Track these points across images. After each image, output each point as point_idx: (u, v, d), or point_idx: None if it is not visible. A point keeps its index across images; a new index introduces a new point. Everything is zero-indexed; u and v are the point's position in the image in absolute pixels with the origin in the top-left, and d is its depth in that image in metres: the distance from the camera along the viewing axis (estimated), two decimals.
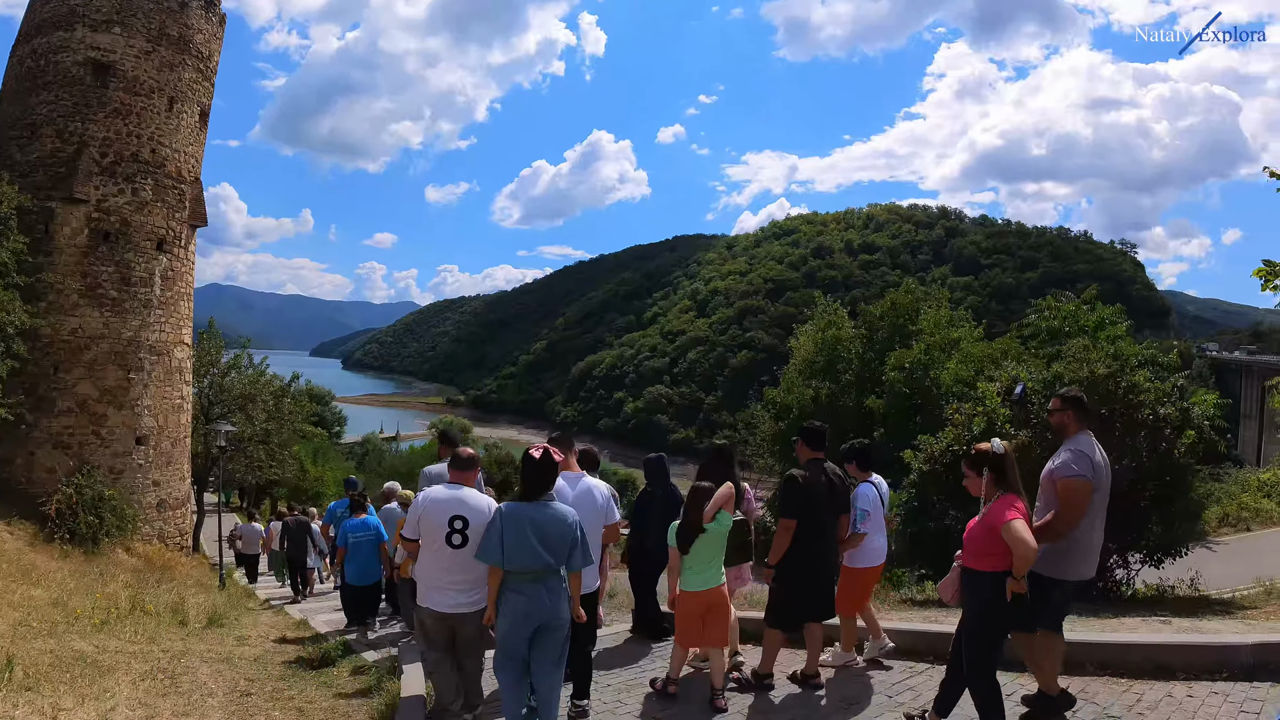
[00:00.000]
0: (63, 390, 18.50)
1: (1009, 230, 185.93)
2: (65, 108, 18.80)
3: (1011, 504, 5.18)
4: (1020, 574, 4.99)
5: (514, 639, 5.38)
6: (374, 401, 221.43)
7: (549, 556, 5.35)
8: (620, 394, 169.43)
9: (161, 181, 19.92)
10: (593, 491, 6.63)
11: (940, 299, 38.41)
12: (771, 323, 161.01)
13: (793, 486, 6.78)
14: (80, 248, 18.68)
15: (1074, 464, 5.59)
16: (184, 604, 12.40)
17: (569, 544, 5.44)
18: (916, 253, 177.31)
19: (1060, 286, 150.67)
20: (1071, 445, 5.75)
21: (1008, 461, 5.35)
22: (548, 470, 5.55)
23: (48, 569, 13.61)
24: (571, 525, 5.47)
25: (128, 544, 18.02)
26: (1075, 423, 5.86)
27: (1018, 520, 5.03)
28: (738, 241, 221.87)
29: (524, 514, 5.40)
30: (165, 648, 8.87)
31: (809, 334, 40.12)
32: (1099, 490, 5.64)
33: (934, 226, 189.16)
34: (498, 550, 5.35)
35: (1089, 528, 5.64)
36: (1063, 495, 5.58)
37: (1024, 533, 4.97)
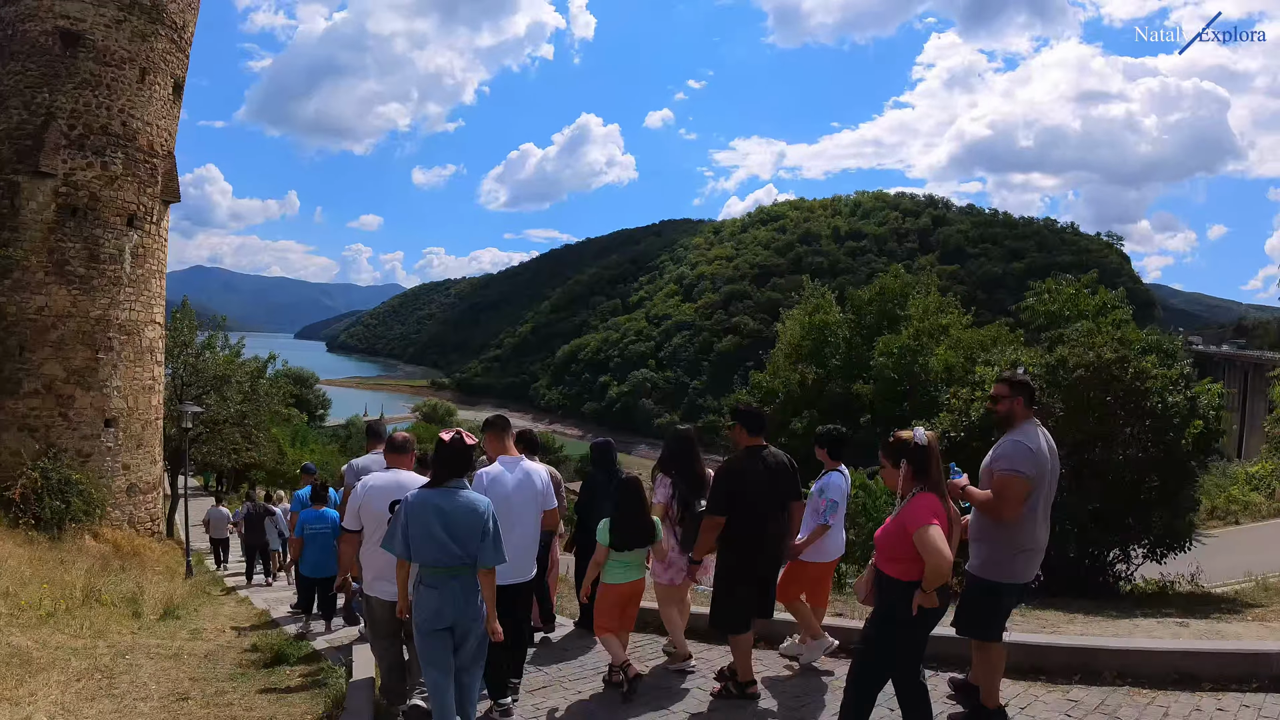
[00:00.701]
0: (29, 371, 17.92)
1: (996, 220, 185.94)
2: (33, 78, 18.10)
3: (929, 505, 4.53)
4: (930, 587, 4.36)
5: (429, 638, 4.98)
6: (359, 384, 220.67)
7: (457, 549, 4.92)
8: (605, 378, 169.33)
9: (132, 155, 19.28)
10: (531, 476, 6.27)
11: (929, 285, 38.05)
12: (757, 308, 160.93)
13: (720, 478, 6.19)
14: (47, 223, 18.05)
15: (1014, 458, 5.10)
16: (142, 594, 11.90)
17: (479, 536, 4.97)
18: (903, 240, 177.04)
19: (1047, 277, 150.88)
20: (1016, 435, 5.23)
21: (930, 454, 4.66)
22: (460, 455, 5.13)
23: (6, 556, 13.06)
24: (482, 514, 5.01)
25: (95, 529, 17.48)
26: (1023, 411, 5.32)
27: (933, 527, 4.38)
28: (724, 227, 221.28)
29: (429, 502, 4.97)
30: (112, 642, 8.41)
31: (796, 318, 39.75)
32: (1040, 487, 5.16)
33: (921, 215, 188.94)
34: (401, 540, 4.96)
35: (1030, 528, 5.17)
36: (996, 489, 5.12)
37: (938, 541, 4.33)
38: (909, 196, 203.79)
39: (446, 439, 5.13)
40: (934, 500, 4.57)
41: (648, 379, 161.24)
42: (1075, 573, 9.80)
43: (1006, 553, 5.16)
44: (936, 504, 4.55)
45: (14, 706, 5.75)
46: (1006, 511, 5.07)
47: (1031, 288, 31.85)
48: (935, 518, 4.44)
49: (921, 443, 4.66)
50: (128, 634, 9.14)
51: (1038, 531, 5.23)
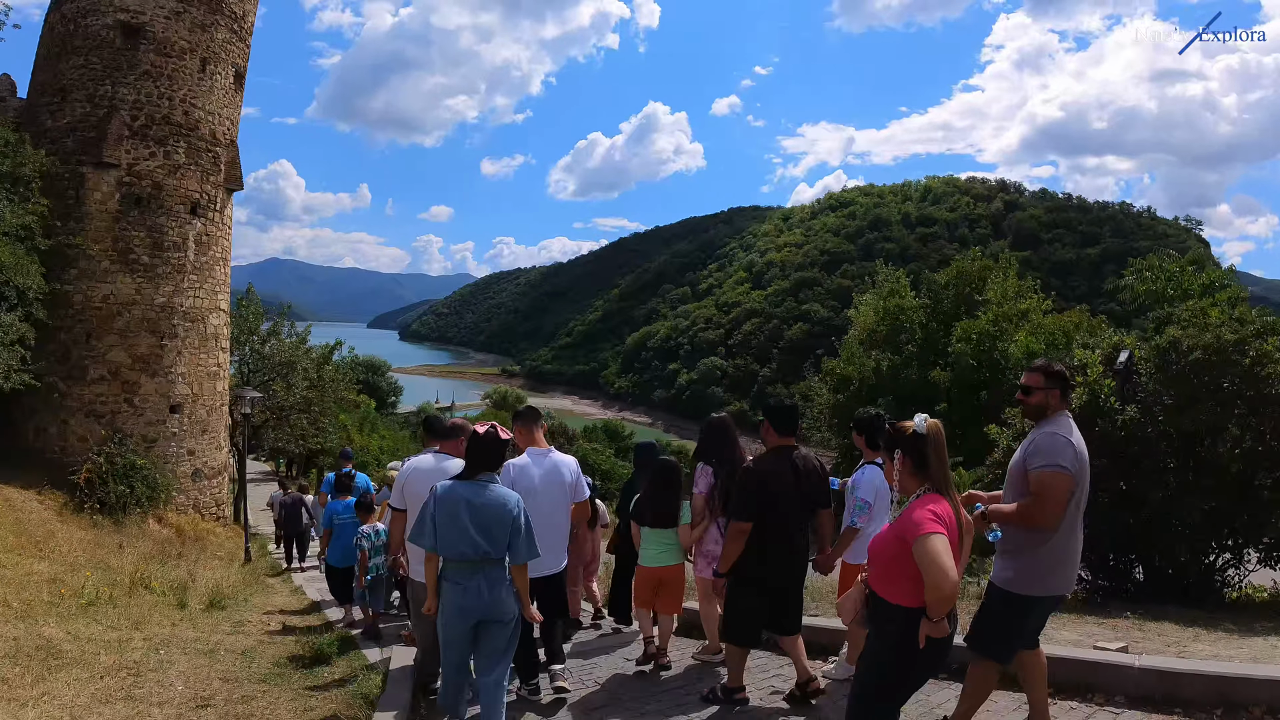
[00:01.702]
0: (95, 358, 18.23)
1: (1069, 204, 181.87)
2: (95, 71, 18.38)
3: (932, 508, 3.72)
4: (937, 615, 3.53)
5: (451, 633, 4.95)
6: (430, 372, 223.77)
7: (485, 544, 4.85)
8: (674, 365, 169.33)
9: (195, 144, 19.49)
10: (560, 468, 6.23)
11: (1008, 268, 36.77)
12: (827, 295, 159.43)
13: (746, 482, 5.71)
14: (111, 213, 18.33)
15: (1052, 452, 4.53)
16: (192, 582, 11.92)
17: (508, 531, 4.89)
18: (974, 226, 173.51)
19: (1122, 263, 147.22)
20: (1049, 428, 4.68)
21: (930, 445, 3.87)
22: (492, 448, 5.06)
23: (67, 540, 13.27)
24: (512, 509, 4.92)
25: (160, 514, 17.77)
26: (1058, 404, 4.78)
27: (935, 537, 3.55)
28: (793, 214, 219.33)
29: (458, 495, 4.90)
30: (149, 635, 8.30)
31: (870, 303, 38.87)
32: (1080, 487, 4.61)
33: (993, 200, 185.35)
34: (430, 534, 4.89)
35: (1068, 532, 4.61)
36: (1036, 490, 4.54)
37: (941, 556, 3.49)
38: (980, 181, 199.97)
39: (480, 432, 5.06)
40: (939, 503, 3.76)
41: (717, 366, 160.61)
42: (1182, 578, 8.90)
43: (1044, 564, 4.60)
44: (942, 507, 3.75)
45: (20, 707, 5.59)
46: (1049, 514, 4.48)
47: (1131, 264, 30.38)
48: (938, 524, 3.62)
49: (921, 431, 3.89)
50: (168, 626, 9.05)
51: (1072, 538, 4.69)
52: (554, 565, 6.11)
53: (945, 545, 3.55)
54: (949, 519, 3.74)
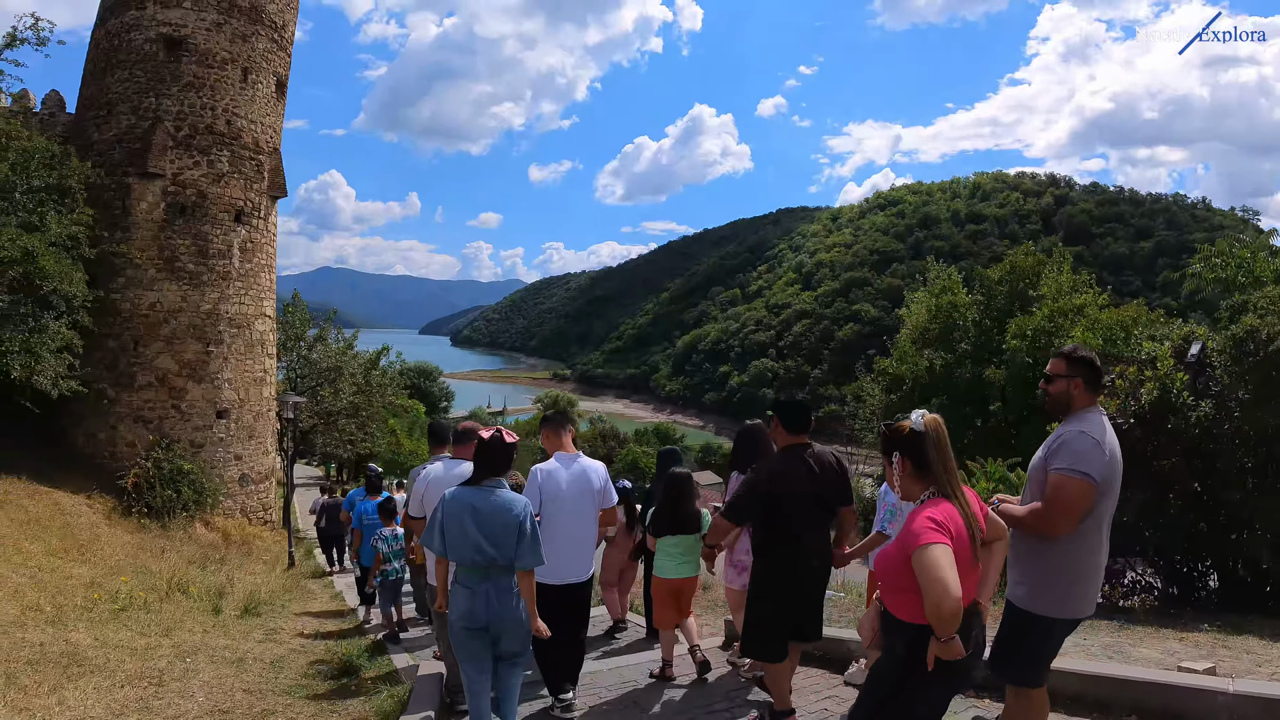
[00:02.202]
0: (142, 365, 18.53)
1: (1121, 197, 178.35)
2: (139, 84, 18.74)
3: (935, 514, 3.33)
4: (944, 634, 3.14)
5: (462, 637, 4.83)
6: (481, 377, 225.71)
7: (492, 550, 4.74)
8: (725, 367, 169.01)
9: (238, 153, 19.75)
10: (587, 472, 5.99)
11: (1062, 262, 35.86)
12: (878, 294, 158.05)
13: (748, 482, 5.37)
14: (157, 222, 18.64)
15: (1078, 454, 4.00)
16: (230, 587, 11.94)
17: (514, 536, 4.77)
18: (1025, 222, 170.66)
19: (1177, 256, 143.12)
20: (1078, 425, 4.14)
21: (930, 443, 3.49)
22: (498, 453, 4.93)
23: (112, 544, 13.47)
24: (517, 515, 4.80)
25: (207, 518, 18.00)
26: (1084, 395, 4.26)
27: (935, 547, 3.16)
28: (842, 213, 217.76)
29: (465, 501, 4.81)
30: (178, 642, 8.27)
31: (922, 301, 38.23)
32: (1107, 495, 4.07)
33: (1042, 195, 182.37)
34: (438, 539, 4.83)
35: (1087, 546, 4.10)
36: (1050, 493, 4.04)
37: (941, 568, 3.10)
38: (1030, 176, 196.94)
39: (485, 436, 4.95)
40: (941, 508, 3.37)
41: (768, 368, 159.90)
42: (1264, 586, 8.34)
43: (1061, 579, 4.10)
44: (946, 512, 3.35)
45: (30, 718, 5.54)
46: (1060, 523, 3.99)
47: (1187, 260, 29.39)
48: (939, 533, 3.22)
49: (919, 428, 3.52)
50: (199, 632, 9.05)
51: (1096, 553, 4.16)
52: (581, 573, 5.93)
53: (947, 556, 3.15)
54: (955, 526, 3.32)
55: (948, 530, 3.26)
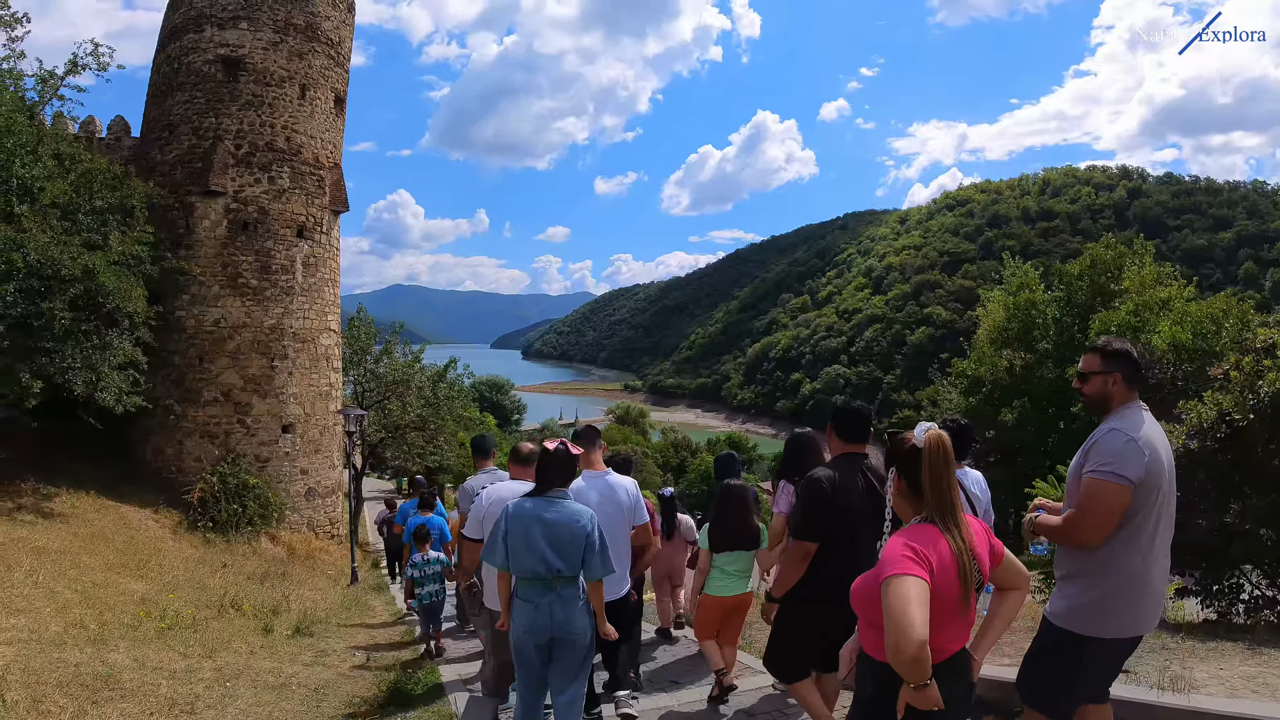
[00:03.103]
0: (207, 380, 18.72)
1: (1197, 187, 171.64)
2: (199, 105, 19.04)
3: (911, 541, 2.87)
4: (909, 678, 2.66)
5: (525, 651, 4.74)
6: (553, 389, 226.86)
7: (558, 561, 4.64)
8: (797, 375, 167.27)
9: (298, 168, 19.90)
10: (615, 489, 5.91)
11: (1143, 254, 34.45)
12: (949, 297, 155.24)
13: (807, 494, 4.83)
14: (219, 239, 18.85)
15: (1114, 456, 3.60)
16: (286, 604, 11.76)
17: (582, 547, 4.67)
18: (1097, 217, 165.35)
19: (1258, 246, 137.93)
20: (1114, 423, 3.75)
21: (926, 461, 3.03)
22: (564, 463, 4.85)
23: (174, 558, 13.50)
24: (585, 526, 4.70)
25: (272, 532, 18.06)
26: (1124, 391, 3.84)
27: (906, 580, 2.70)
28: (910, 215, 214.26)
29: (530, 512, 4.70)
30: (221, 665, 8.04)
31: (999, 299, 37.17)
32: (1150, 500, 3.62)
33: (1115, 188, 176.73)
34: (501, 552, 4.74)
35: (1136, 559, 3.64)
36: (1083, 498, 3.67)
37: (906, 605, 2.63)
38: (1100, 169, 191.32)
39: (551, 448, 4.88)
40: (929, 536, 2.91)
41: (840, 375, 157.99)
42: None
43: (1106, 596, 3.64)
44: (928, 539, 2.90)
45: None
46: (1092, 530, 3.61)
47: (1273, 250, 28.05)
48: (915, 563, 2.76)
49: (919, 443, 3.08)
50: (245, 654, 8.82)
51: (1149, 564, 3.68)
52: (615, 591, 5.78)
53: (916, 591, 2.68)
54: (938, 558, 2.84)
55: (926, 562, 2.81)
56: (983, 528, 3.17)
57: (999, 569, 3.17)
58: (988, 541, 3.13)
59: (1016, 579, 3.24)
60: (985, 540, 3.11)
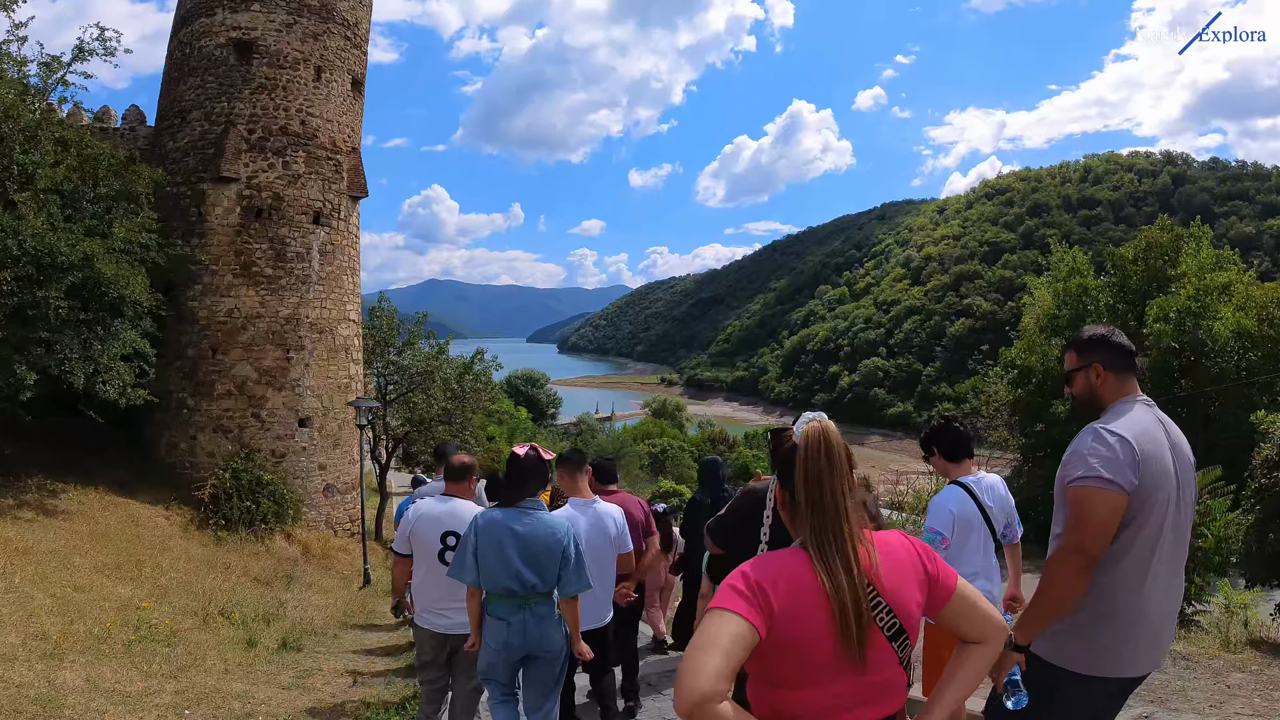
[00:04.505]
0: (221, 372, 18.14)
1: (1244, 173, 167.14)
2: (211, 90, 18.46)
3: (752, 574, 2.12)
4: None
5: (498, 670, 4.58)
6: (589, 383, 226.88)
7: (533, 577, 4.45)
8: (835, 367, 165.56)
9: (314, 153, 19.25)
10: (604, 519, 5.71)
11: (1201, 237, 32.95)
12: (990, 287, 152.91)
13: None
14: (232, 227, 18.26)
15: (1090, 458, 2.97)
16: (281, 612, 11.00)
17: (558, 561, 4.47)
18: (1140, 204, 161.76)
19: None
20: (1103, 422, 3.10)
21: (800, 464, 2.24)
22: (534, 471, 4.63)
23: (179, 558, 12.89)
24: (561, 539, 4.50)
25: (288, 530, 17.45)
26: (1112, 385, 3.24)
27: (717, 616, 2.03)
28: (948, 205, 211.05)
29: (502, 525, 4.48)
30: (184, 687, 7.19)
31: (1047, 285, 35.92)
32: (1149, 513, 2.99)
33: (1158, 174, 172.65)
34: (471, 568, 4.49)
35: (1136, 583, 3.01)
36: (1073, 512, 2.98)
37: (697, 649, 1.97)
38: (1144, 155, 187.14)
39: (520, 453, 4.68)
40: (780, 563, 2.16)
41: (879, 367, 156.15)
42: None
43: (1097, 626, 3.03)
44: (787, 568, 2.14)
45: None
46: (1091, 543, 2.92)
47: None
48: (738, 597, 2.06)
49: (795, 439, 2.30)
50: (217, 673, 7.96)
51: (1147, 590, 3.03)
52: (600, 618, 5.69)
53: (729, 633, 1.98)
54: (793, 594, 2.09)
55: (760, 599, 2.06)
56: (914, 553, 2.29)
57: (948, 610, 2.28)
58: (921, 571, 2.26)
59: (982, 628, 2.27)
60: (913, 570, 2.26)
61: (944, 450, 4.88)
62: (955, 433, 4.88)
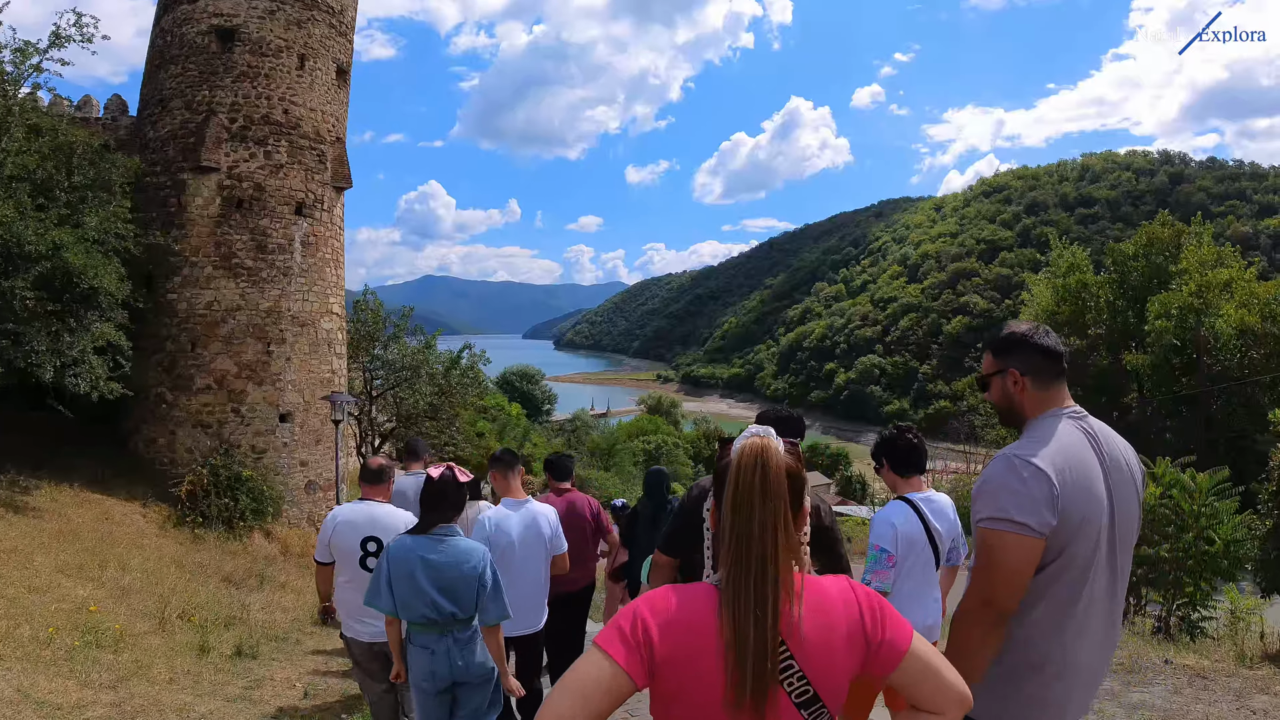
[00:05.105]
0: (200, 366, 17.74)
1: (1242, 172, 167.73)
2: (192, 78, 18.04)
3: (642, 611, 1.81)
4: None
5: (425, 700, 4.36)
6: (585, 379, 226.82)
7: (450, 606, 4.24)
8: (831, 365, 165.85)
9: (297, 143, 18.84)
10: (538, 519, 5.61)
11: (1202, 232, 32.61)
12: (986, 285, 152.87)
13: None
14: (212, 217, 17.85)
15: (1000, 491, 2.55)
16: (244, 615, 10.52)
17: (474, 589, 4.27)
18: (1138, 203, 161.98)
19: None
20: (1018, 448, 2.63)
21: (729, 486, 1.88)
22: (448, 495, 4.36)
23: (149, 557, 12.49)
24: (476, 566, 4.28)
25: (268, 528, 17.08)
26: (1033, 392, 2.77)
27: (590, 658, 1.76)
28: (945, 202, 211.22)
29: (414, 553, 4.25)
30: (121, 698, 6.73)
31: (1046, 282, 35.63)
32: (1074, 553, 2.57)
33: (1156, 174, 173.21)
34: (386, 595, 4.26)
35: (1057, 632, 2.61)
36: (980, 558, 2.59)
37: (558, 692, 1.72)
38: (1141, 154, 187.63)
39: (435, 475, 4.39)
40: (678, 600, 1.85)
41: (875, 365, 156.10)
42: None
43: (1003, 673, 2.64)
44: (687, 605, 1.83)
45: None
46: (1001, 595, 2.52)
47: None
48: (622, 642, 1.76)
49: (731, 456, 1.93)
50: (161, 683, 7.43)
51: (1070, 639, 2.63)
52: (534, 624, 5.65)
53: (593, 679, 1.72)
54: (684, 638, 1.79)
55: (641, 642, 1.76)
56: (854, 609, 1.87)
57: (899, 676, 1.86)
58: (858, 632, 1.85)
59: (939, 697, 1.85)
60: (847, 629, 1.85)
61: (893, 464, 4.56)
62: (907, 445, 4.54)
